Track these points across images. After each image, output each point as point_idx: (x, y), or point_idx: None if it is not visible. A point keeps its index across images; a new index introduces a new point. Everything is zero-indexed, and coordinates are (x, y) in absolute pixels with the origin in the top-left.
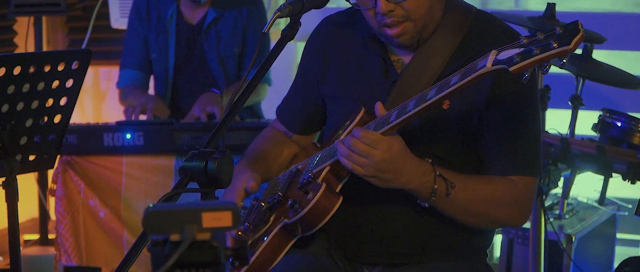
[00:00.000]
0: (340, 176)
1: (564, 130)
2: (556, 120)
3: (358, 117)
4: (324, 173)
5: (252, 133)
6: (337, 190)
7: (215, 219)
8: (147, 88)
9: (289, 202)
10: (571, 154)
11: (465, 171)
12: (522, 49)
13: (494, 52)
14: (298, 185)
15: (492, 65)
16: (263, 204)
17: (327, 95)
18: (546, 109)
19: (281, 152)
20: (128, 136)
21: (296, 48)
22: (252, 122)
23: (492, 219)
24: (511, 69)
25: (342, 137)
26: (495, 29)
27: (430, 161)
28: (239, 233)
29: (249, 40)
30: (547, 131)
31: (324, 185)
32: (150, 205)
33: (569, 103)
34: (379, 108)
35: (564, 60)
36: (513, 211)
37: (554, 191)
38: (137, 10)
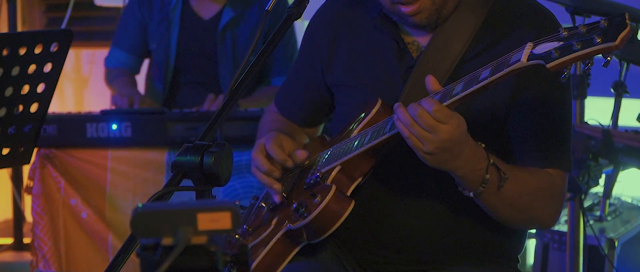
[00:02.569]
0: (353, 177)
1: (606, 121)
2: (597, 110)
3: (374, 111)
4: (334, 173)
5: (255, 124)
6: (349, 193)
7: (212, 220)
8: (137, 73)
9: (294, 205)
10: (614, 147)
11: None
12: (561, 42)
13: (529, 44)
14: (304, 185)
15: (528, 60)
16: (264, 205)
17: (334, 82)
18: (585, 97)
19: (294, 137)
20: (114, 126)
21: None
22: (253, 112)
23: (531, 215)
24: (549, 65)
25: (355, 132)
26: (523, 7)
27: (483, 146)
28: (237, 237)
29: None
30: (586, 122)
31: (333, 187)
32: (139, 205)
33: (612, 90)
34: (432, 82)
35: (609, 58)
36: (551, 207)
37: (594, 190)
38: None
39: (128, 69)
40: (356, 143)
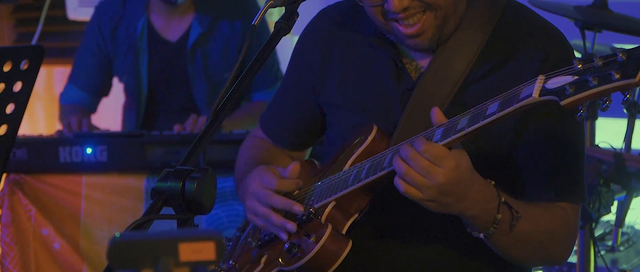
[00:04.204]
0: (348, 213)
1: (618, 143)
2: (608, 132)
3: (369, 139)
4: (328, 209)
5: (239, 147)
6: (344, 231)
7: (195, 251)
8: (93, 112)
9: (286, 245)
10: (627, 172)
11: None
12: (576, 77)
13: (541, 78)
14: (296, 221)
15: (540, 95)
16: (251, 241)
17: (326, 102)
18: (596, 118)
19: (277, 160)
20: (89, 150)
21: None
22: (239, 134)
23: (544, 254)
24: (563, 103)
25: (349, 163)
26: (531, 25)
27: (493, 183)
28: None
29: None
30: (597, 145)
31: (329, 227)
32: (117, 234)
33: (624, 110)
34: (437, 114)
35: (629, 96)
36: (565, 244)
37: (605, 218)
38: (99, 29)
39: (80, 106)
40: (352, 178)
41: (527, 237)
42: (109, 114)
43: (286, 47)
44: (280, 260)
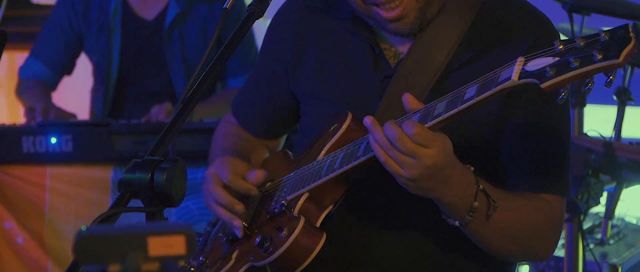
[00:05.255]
0: (323, 205)
1: (608, 132)
2: (598, 120)
3: (344, 127)
4: (301, 201)
5: (211, 137)
6: (318, 224)
7: (164, 245)
8: (53, 89)
9: (258, 239)
10: (617, 162)
11: None
12: (557, 58)
13: (520, 59)
14: (267, 214)
15: (519, 78)
16: (222, 235)
17: (300, 91)
18: (584, 106)
19: (250, 148)
20: (53, 140)
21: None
22: (210, 123)
23: (526, 247)
24: (543, 85)
25: (323, 153)
26: (516, 10)
27: (472, 169)
28: (192, 270)
29: None
30: (585, 134)
31: (302, 220)
32: (83, 228)
33: (614, 98)
34: (410, 100)
35: (612, 77)
36: (549, 238)
37: (594, 210)
38: (71, 3)
39: (42, 80)
40: (325, 168)
41: (508, 229)
42: (76, 99)
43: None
44: (251, 256)
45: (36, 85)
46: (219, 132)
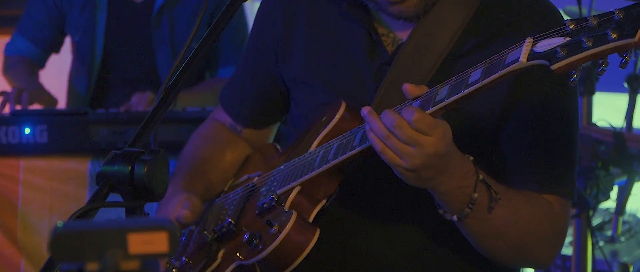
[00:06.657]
0: (316, 199)
1: (618, 122)
2: (608, 109)
3: (337, 117)
4: (292, 195)
5: (194, 127)
6: (311, 219)
7: (145, 242)
8: (41, 67)
9: (246, 236)
10: (628, 154)
11: None
12: (568, 38)
13: (529, 41)
14: (256, 210)
15: (528, 59)
16: (207, 234)
17: (290, 77)
18: (593, 94)
19: (224, 155)
20: (27, 130)
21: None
22: (193, 112)
23: (523, 252)
24: (554, 67)
25: (315, 144)
26: None
27: (471, 158)
28: (174, 271)
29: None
30: (594, 124)
31: (294, 215)
32: (59, 224)
33: (625, 85)
34: (410, 91)
35: (627, 57)
36: (549, 244)
37: (604, 205)
38: None
39: (27, 57)
40: (319, 159)
41: (505, 229)
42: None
43: None
44: (238, 254)
45: (22, 62)
46: (197, 134)
